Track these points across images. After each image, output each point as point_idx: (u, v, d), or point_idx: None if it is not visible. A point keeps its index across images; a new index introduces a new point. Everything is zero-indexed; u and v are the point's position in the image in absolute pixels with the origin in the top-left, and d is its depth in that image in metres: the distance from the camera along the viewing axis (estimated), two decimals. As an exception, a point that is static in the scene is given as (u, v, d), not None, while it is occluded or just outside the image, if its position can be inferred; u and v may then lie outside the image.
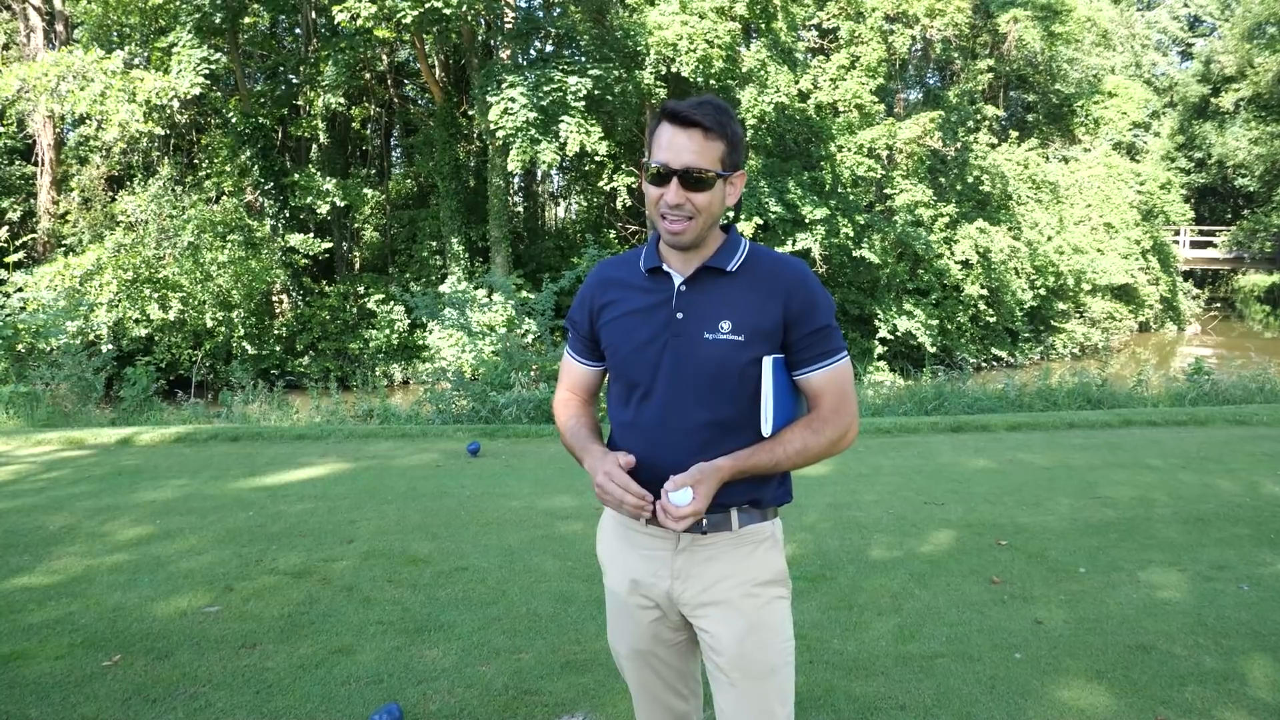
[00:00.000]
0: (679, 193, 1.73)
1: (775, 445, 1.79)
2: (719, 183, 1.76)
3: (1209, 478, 6.15)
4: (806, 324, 1.80)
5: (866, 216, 20.77)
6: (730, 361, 1.78)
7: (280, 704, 3.05)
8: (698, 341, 1.79)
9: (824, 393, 1.83)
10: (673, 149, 1.73)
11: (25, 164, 20.94)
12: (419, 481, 6.20)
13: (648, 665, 1.99)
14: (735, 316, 1.79)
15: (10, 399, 9.50)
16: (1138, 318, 28.24)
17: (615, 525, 1.99)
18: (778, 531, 1.93)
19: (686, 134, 1.73)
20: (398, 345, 19.96)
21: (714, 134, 1.74)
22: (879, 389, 12.21)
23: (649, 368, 1.83)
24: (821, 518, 5.20)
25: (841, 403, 1.83)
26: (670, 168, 1.72)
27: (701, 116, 1.72)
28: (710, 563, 1.85)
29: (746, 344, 1.78)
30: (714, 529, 1.84)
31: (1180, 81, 36.04)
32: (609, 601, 2.02)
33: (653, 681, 2.00)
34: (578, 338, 2.01)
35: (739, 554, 1.86)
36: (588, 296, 1.96)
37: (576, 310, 1.99)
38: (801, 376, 1.84)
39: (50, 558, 4.53)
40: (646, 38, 17.95)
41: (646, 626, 1.94)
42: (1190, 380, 10.73)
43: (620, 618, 1.99)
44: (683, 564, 1.87)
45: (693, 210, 1.74)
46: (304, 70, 20.93)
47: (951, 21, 21.61)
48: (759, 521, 1.88)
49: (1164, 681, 3.17)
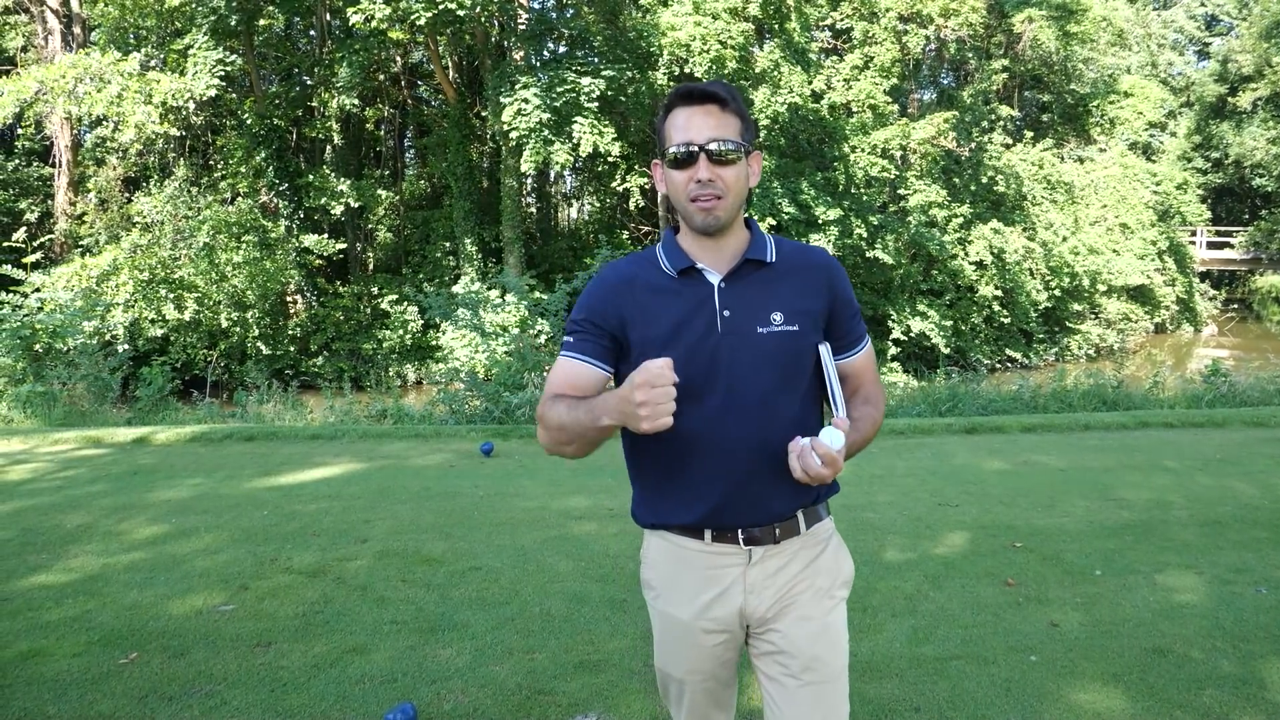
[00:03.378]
0: (709, 168, 1.70)
1: (855, 425, 1.78)
2: (743, 159, 1.74)
3: (1226, 480, 6.10)
4: (846, 309, 1.85)
5: (880, 217, 20.70)
6: (788, 352, 1.76)
7: (295, 702, 3.06)
8: (751, 336, 1.75)
9: (864, 372, 1.91)
10: (693, 127, 1.70)
11: (43, 165, 21.15)
12: (432, 481, 6.22)
13: (702, 688, 1.91)
14: (785, 307, 1.77)
15: (28, 398, 9.58)
16: (1153, 319, 28.02)
17: (669, 549, 1.86)
18: (834, 528, 1.95)
19: (704, 110, 1.71)
20: (411, 345, 20.02)
21: (730, 108, 1.72)
22: (892, 390, 12.16)
23: (703, 373, 1.73)
24: (835, 519, 5.14)
25: (878, 380, 1.94)
26: (696, 144, 1.69)
27: (718, 89, 1.72)
28: (782, 571, 1.82)
29: (801, 333, 1.77)
30: (785, 535, 1.82)
31: (1197, 81, 35.74)
32: (664, 627, 1.90)
33: (702, 700, 1.93)
34: (590, 339, 1.79)
35: (809, 555, 1.85)
36: (611, 297, 1.80)
37: (594, 312, 1.80)
38: (845, 360, 1.88)
39: (67, 556, 4.56)
40: (659, 38, 17.96)
41: (709, 650, 1.86)
42: (1207, 382, 10.64)
43: (680, 644, 1.88)
44: (756, 577, 1.81)
45: (723, 187, 1.71)
46: (318, 72, 21.03)
47: (966, 21, 21.51)
48: (822, 519, 1.89)
49: (1181, 685, 3.15)
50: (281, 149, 20.31)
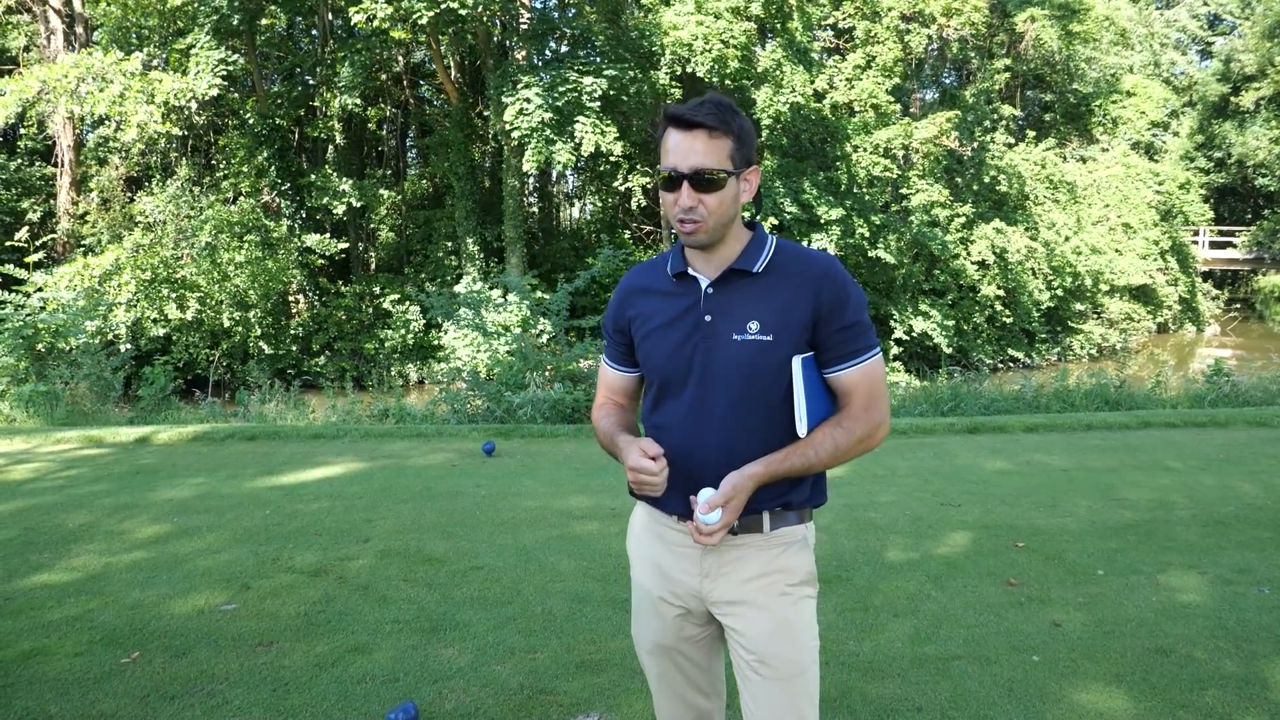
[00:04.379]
0: (691, 195, 1.72)
1: (807, 447, 1.77)
2: (731, 181, 1.74)
3: (1229, 480, 6.09)
4: (836, 320, 1.78)
5: (882, 217, 20.68)
6: (761, 362, 1.77)
7: (296, 702, 3.06)
8: (727, 343, 1.79)
9: (855, 391, 1.81)
10: (679, 152, 1.72)
11: (45, 165, 21.17)
12: (434, 481, 6.22)
13: (671, 661, 1.98)
14: (763, 316, 1.78)
15: (30, 398, 9.59)
16: (1156, 319, 27.98)
17: (646, 520, 1.99)
18: (809, 534, 1.92)
19: (691, 136, 1.72)
20: (413, 345, 20.04)
21: (719, 132, 1.72)
22: (894, 390, 12.17)
23: (680, 371, 1.83)
24: (837, 519, 5.18)
25: (872, 400, 1.81)
26: (679, 171, 1.71)
27: (704, 117, 1.71)
28: (739, 562, 1.85)
29: (775, 344, 1.77)
30: (745, 530, 1.84)
31: (1200, 80, 35.70)
32: (635, 595, 2.03)
33: (675, 677, 2.00)
34: (612, 346, 2.04)
35: (769, 554, 1.86)
36: (619, 305, 1.98)
37: (609, 321, 2.02)
38: (832, 374, 1.82)
39: (70, 555, 4.57)
40: (662, 38, 17.96)
41: (671, 622, 1.95)
42: (1210, 382, 10.62)
43: (646, 612, 1.99)
44: (712, 563, 1.87)
45: (705, 213, 1.73)
46: (320, 71, 21.04)
47: (968, 21, 21.48)
48: (791, 525, 1.87)
49: (1184, 685, 3.14)
50: (283, 149, 20.32)
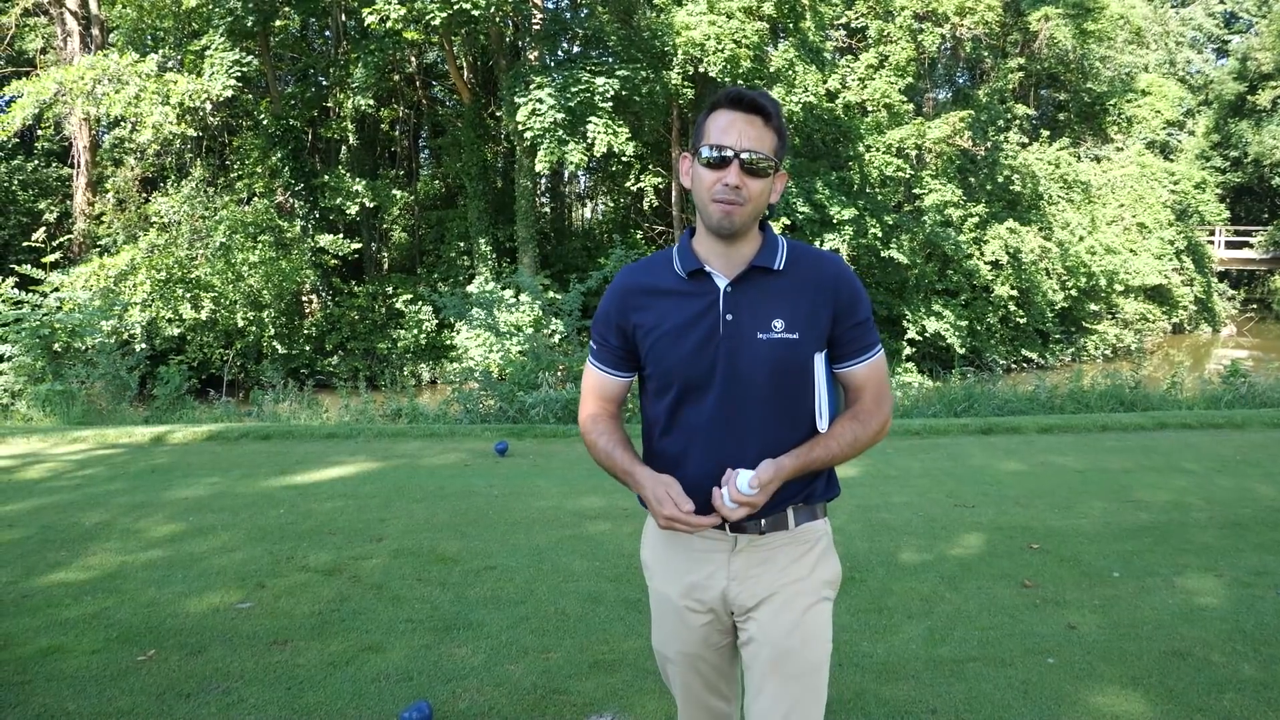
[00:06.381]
0: (739, 175, 1.73)
1: (829, 440, 1.80)
2: (771, 174, 1.77)
3: (1246, 482, 6.04)
4: (851, 318, 1.83)
5: (895, 217, 20.63)
6: (787, 359, 1.79)
7: (311, 700, 3.07)
8: (751, 341, 1.79)
9: (866, 385, 1.86)
10: (734, 132, 1.73)
11: (62, 166, 21.34)
12: (447, 481, 6.23)
13: (694, 669, 1.97)
14: (787, 314, 1.79)
15: (47, 397, 9.65)
16: (1171, 319, 27.81)
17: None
18: (830, 531, 1.94)
19: (748, 119, 1.74)
20: (426, 345, 20.09)
21: (772, 124, 1.76)
22: (908, 390, 12.11)
23: (703, 374, 1.81)
24: (851, 519, 5.17)
25: (881, 393, 1.87)
26: (733, 149, 1.72)
27: (766, 103, 1.75)
28: (767, 564, 1.86)
29: (801, 341, 1.79)
30: (772, 529, 1.85)
31: (1216, 79, 35.42)
32: (656, 605, 2.00)
33: (697, 684, 1.99)
34: (605, 350, 1.94)
35: (795, 553, 1.87)
36: (615, 310, 1.91)
37: (603, 325, 1.93)
38: (843, 370, 1.87)
39: (86, 554, 4.60)
40: (674, 38, 17.96)
41: (697, 630, 1.93)
42: (1226, 382, 10.54)
43: (670, 622, 1.97)
44: (740, 565, 1.87)
45: (747, 196, 1.74)
46: (334, 72, 21.12)
47: (982, 20, 21.42)
48: (812, 520, 1.89)
49: (1201, 689, 3.12)
50: (297, 149, 20.41)
